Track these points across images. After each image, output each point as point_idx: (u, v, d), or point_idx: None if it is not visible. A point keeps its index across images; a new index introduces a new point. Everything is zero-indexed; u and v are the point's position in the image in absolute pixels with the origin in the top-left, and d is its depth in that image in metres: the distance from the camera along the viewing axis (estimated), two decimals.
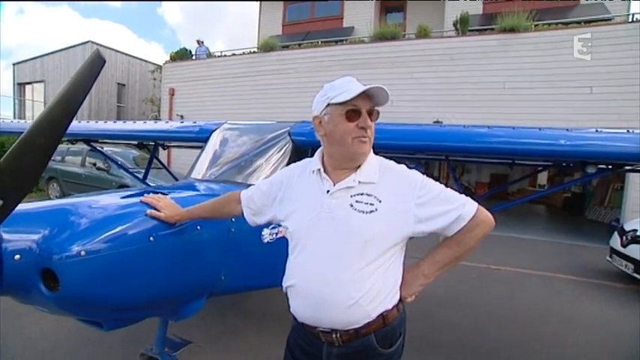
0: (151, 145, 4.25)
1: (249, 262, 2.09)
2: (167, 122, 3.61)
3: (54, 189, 9.03)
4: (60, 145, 8.19)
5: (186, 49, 11.97)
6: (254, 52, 10.87)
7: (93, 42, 16.68)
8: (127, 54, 17.85)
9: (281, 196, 1.27)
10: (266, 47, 10.32)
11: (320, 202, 1.14)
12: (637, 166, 2.60)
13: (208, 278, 1.82)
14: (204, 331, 2.91)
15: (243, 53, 10.97)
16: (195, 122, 3.15)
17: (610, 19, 8.46)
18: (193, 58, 11.73)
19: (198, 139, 2.93)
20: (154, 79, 16.06)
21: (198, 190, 2.08)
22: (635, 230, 4.75)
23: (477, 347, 2.98)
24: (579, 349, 3.02)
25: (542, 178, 13.76)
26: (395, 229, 1.11)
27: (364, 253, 1.08)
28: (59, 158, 8.99)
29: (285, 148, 2.59)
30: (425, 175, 1.18)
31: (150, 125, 3.72)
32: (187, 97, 11.29)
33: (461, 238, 1.14)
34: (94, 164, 8.40)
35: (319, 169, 1.19)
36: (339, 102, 1.09)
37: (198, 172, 2.54)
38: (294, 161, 2.63)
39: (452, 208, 1.11)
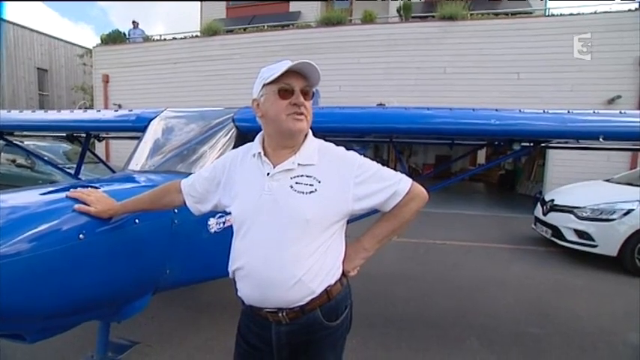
0: (82, 136, 3.87)
1: (196, 253, 2.02)
2: (99, 111, 3.26)
3: None
4: None
5: (120, 32, 10.98)
6: (197, 36, 10.28)
7: (4, 19, 14.59)
8: (47, 34, 15.88)
9: (224, 180, 1.25)
10: (209, 31, 9.81)
11: (261, 184, 1.15)
12: (553, 143, 2.90)
13: (151, 274, 1.73)
14: (155, 329, 2.78)
15: (185, 37, 10.33)
16: (131, 110, 2.92)
17: (531, 13, 9.27)
18: (128, 41, 10.80)
19: (136, 128, 2.72)
20: (84, 64, 14.56)
21: (136, 182, 1.94)
22: (553, 200, 5.38)
23: (426, 318, 3.19)
24: (509, 309, 3.39)
25: (481, 157, 14.89)
26: (334, 208, 1.14)
27: (305, 232, 1.10)
28: None
29: (229, 135, 2.52)
30: (364, 157, 1.23)
31: (79, 115, 3.37)
32: (124, 84, 10.42)
33: (397, 212, 1.21)
34: (13, 161, 7.48)
35: (259, 153, 1.19)
36: (271, 81, 1.11)
37: (136, 164, 2.36)
38: (239, 147, 2.62)
39: (387, 185, 1.17)
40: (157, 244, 1.71)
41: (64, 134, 4.27)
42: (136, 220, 1.57)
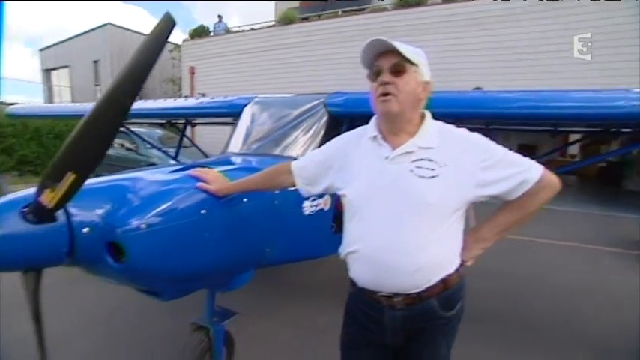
0: (180, 123, 4.28)
1: (292, 234, 2.10)
2: (197, 99, 3.55)
3: None
4: None
5: (204, 27, 11.83)
6: (273, 25, 10.61)
7: (112, 24, 16.73)
8: (145, 34, 17.80)
9: (337, 164, 1.26)
10: (285, 20, 10.03)
11: (379, 168, 1.13)
12: None
13: (255, 251, 1.83)
14: (245, 302, 2.99)
15: (262, 27, 10.73)
16: (225, 97, 3.12)
17: None
18: (211, 34, 11.58)
19: (230, 114, 2.91)
20: (173, 58, 16.03)
21: (240, 164, 2.07)
22: None
23: (520, 318, 2.95)
24: (622, 323, 2.93)
25: (573, 148, 13.14)
26: (457, 194, 1.09)
27: (426, 218, 1.08)
28: None
29: (321, 120, 2.55)
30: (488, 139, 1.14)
31: (181, 102, 3.71)
32: (208, 74, 11.26)
33: (524, 202, 1.12)
34: (122, 145, 8.60)
35: (376, 136, 1.17)
36: (365, 64, 1.15)
37: (235, 147, 2.53)
38: (331, 132, 2.64)
39: (517, 172, 1.09)
40: (260, 223, 1.81)
41: (164, 121, 4.79)
42: (244, 199, 1.67)
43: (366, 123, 1.25)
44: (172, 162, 4.20)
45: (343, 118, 2.67)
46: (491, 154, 1.09)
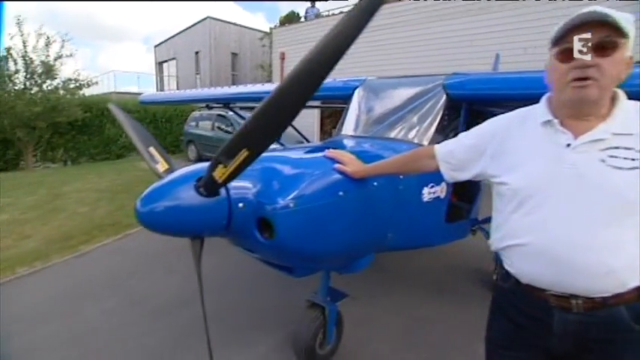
0: None
1: (411, 220, 2.03)
2: None
3: (192, 150, 10.49)
4: (194, 112, 9.20)
5: (294, 12, 12.14)
6: None
7: (211, 17, 18.18)
8: (238, 24, 19.06)
9: (493, 149, 1.14)
10: None
11: (557, 156, 0.99)
12: None
13: (378, 235, 1.81)
14: (350, 286, 3.04)
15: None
16: (334, 79, 3.11)
17: None
18: (302, 20, 11.80)
19: (342, 96, 2.89)
20: (263, 45, 16.87)
21: (366, 147, 2.05)
22: None
23: None
24: None
25: None
26: None
27: (622, 215, 0.92)
28: (194, 124, 10.32)
29: (439, 102, 2.41)
30: None
31: None
32: (298, 60, 11.50)
33: None
34: (220, 128, 9.40)
35: (549, 120, 1.02)
36: (556, 41, 0.97)
37: (348, 129, 2.51)
38: (450, 115, 2.47)
39: None
40: (385, 207, 1.77)
41: None
42: (375, 183, 1.64)
43: (487, 106, 1.10)
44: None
45: (462, 101, 2.47)
46: None
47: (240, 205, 1.30)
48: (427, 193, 2.09)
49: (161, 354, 2.26)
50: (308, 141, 4.78)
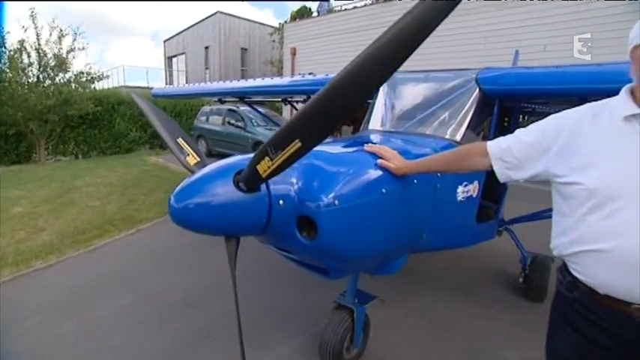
0: (298, 101, 4.36)
1: (446, 219, 1.94)
2: (326, 75, 3.49)
3: (202, 145, 10.42)
4: (204, 107, 9.10)
5: (306, 7, 11.99)
6: (376, 1, 10.20)
7: (221, 12, 18.11)
8: (247, 19, 18.98)
9: (560, 146, 1.03)
10: None
11: None
12: None
13: (414, 234, 1.72)
14: (371, 287, 2.96)
15: (365, 5, 10.40)
16: None
17: None
18: (313, 15, 11.66)
19: None
20: (273, 41, 16.75)
21: (400, 143, 1.94)
22: None
23: None
24: None
25: None
26: None
27: None
28: (204, 119, 10.26)
29: (471, 97, 2.30)
30: None
31: (307, 79, 3.72)
32: (309, 55, 11.43)
33: None
34: (231, 123, 9.30)
35: (635, 114, 0.92)
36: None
37: (376, 124, 2.41)
38: (482, 110, 2.35)
39: None
40: (423, 206, 1.68)
41: (280, 98, 4.94)
42: (415, 181, 1.54)
43: (521, 102, 1.00)
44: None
45: (495, 96, 2.37)
46: None
47: (281, 202, 1.21)
48: (461, 192, 1.99)
49: (178, 353, 2.19)
50: None
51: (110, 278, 3.11)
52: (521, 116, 3.75)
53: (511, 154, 1.15)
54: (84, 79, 9.84)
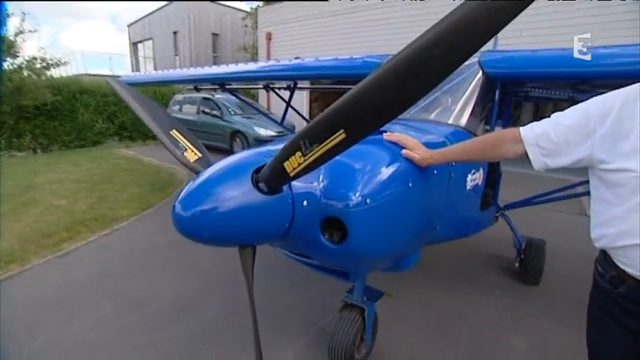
0: (276, 87, 4.12)
1: (456, 209, 1.86)
2: (316, 59, 3.26)
3: None
4: (176, 95, 8.54)
5: None
6: None
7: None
8: (218, 2, 18.08)
9: (607, 129, 0.94)
10: None
11: None
12: None
13: (430, 227, 1.61)
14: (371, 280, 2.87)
15: None
16: (352, 57, 2.84)
17: None
18: None
19: (361, 74, 2.62)
20: (246, 25, 16.09)
21: (416, 130, 1.80)
22: None
23: None
24: None
25: None
26: None
27: None
28: (177, 108, 9.73)
29: (474, 80, 2.21)
30: None
31: (294, 63, 3.48)
32: (284, 40, 11.03)
33: None
34: (204, 111, 8.87)
35: None
36: None
37: None
38: (486, 94, 2.26)
39: None
40: (439, 197, 1.57)
41: (262, 85, 4.66)
42: (435, 172, 1.41)
43: (525, 86, 0.89)
44: (255, 130, 4.11)
45: (499, 80, 2.28)
46: None
47: (305, 203, 1.04)
48: (470, 181, 1.91)
49: None
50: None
51: (86, 286, 2.82)
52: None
53: (548, 138, 1.04)
54: (38, 65, 9.00)
